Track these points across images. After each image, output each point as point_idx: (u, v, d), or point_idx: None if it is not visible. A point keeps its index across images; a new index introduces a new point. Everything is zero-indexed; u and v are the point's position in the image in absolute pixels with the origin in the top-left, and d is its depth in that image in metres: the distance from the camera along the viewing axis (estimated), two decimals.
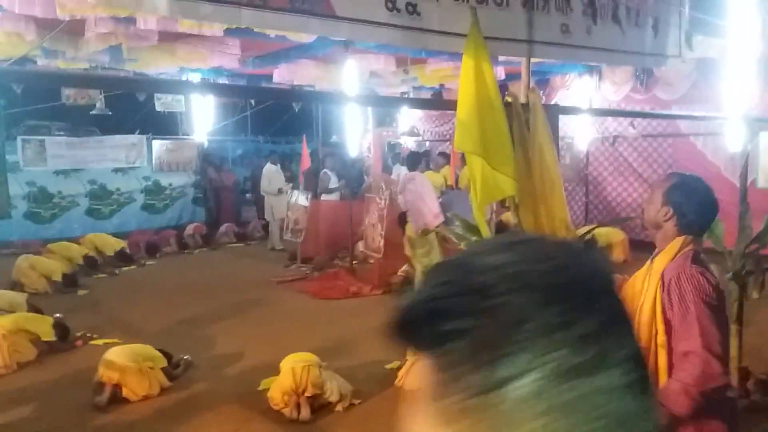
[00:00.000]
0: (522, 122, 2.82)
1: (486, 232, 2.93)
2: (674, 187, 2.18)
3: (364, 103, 9.12)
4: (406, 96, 12.11)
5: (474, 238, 3.11)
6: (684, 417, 1.98)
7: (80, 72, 8.43)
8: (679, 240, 2.14)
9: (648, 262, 2.26)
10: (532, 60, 3.43)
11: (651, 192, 2.31)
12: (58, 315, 6.12)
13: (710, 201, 2.20)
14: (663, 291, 2.09)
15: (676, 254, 2.13)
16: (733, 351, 4.43)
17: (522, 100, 3.24)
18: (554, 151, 3.07)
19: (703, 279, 2.03)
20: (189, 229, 11.68)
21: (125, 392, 4.64)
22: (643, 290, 2.19)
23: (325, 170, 10.63)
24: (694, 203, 2.15)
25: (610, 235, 9.35)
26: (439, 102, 5.94)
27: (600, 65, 10.01)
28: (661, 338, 2.10)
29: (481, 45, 2.61)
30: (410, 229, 7.10)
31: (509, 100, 2.99)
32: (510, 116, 2.80)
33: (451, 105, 2.82)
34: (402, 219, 7.32)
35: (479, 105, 2.57)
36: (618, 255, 9.27)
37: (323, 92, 7.03)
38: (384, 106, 12.58)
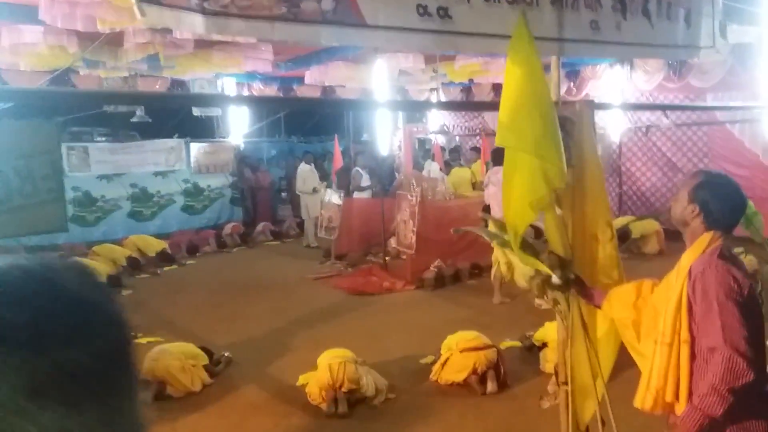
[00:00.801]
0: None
1: (519, 232, 2.93)
2: (700, 185, 2.19)
3: (394, 108, 9.18)
4: (435, 91, 12.15)
5: (506, 237, 3.11)
6: (720, 417, 1.97)
7: (122, 90, 8.75)
8: (708, 236, 2.15)
9: (679, 261, 2.26)
10: None
11: (677, 190, 2.33)
12: None
13: (737, 198, 2.21)
14: (689, 286, 2.09)
15: (704, 250, 2.13)
16: None
17: (553, 98, 3.27)
18: (598, 156, 3.09)
19: (728, 274, 2.02)
20: (227, 229, 11.98)
21: (169, 389, 4.83)
22: (672, 286, 2.20)
23: (357, 168, 10.77)
24: (720, 201, 2.16)
25: (644, 226, 9.25)
26: (469, 104, 5.95)
27: None
28: (685, 334, 2.11)
29: (528, 41, 2.62)
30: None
31: None
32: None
33: (482, 106, 2.84)
34: (486, 211, 7.49)
35: (526, 103, 2.56)
36: (653, 246, 9.19)
37: (355, 100, 7.10)
38: (414, 110, 12.60)
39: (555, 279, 2.79)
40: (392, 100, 8.47)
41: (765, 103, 7.37)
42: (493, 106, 2.76)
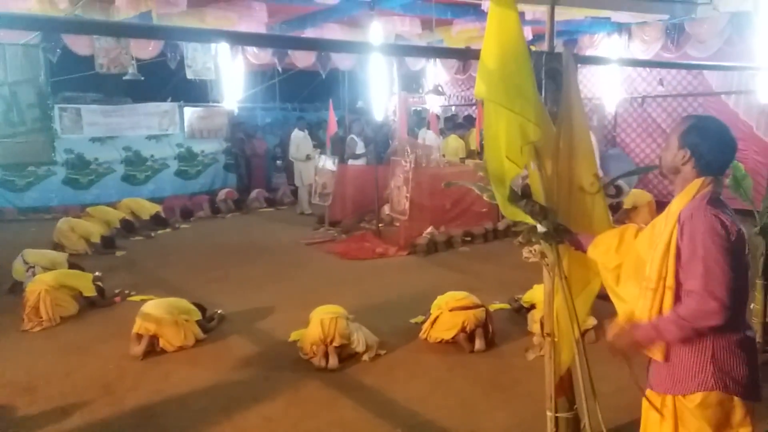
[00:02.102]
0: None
1: (506, 184, 2.92)
2: (689, 129, 2.15)
3: (388, 52, 8.96)
4: (432, 63, 12.04)
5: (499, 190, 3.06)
6: (671, 343, 2.09)
7: (114, 21, 8.47)
8: (698, 181, 2.12)
9: (668, 206, 2.22)
10: (560, 19, 3.41)
11: (667, 138, 2.27)
12: (97, 273, 6.40)
13: (727, 139, 2.16)
14: (678, 232, 2.06)
15: (694, 195, 2.10)
16: (758, 305, 4.45)
17: (546, 48, 3.24)
18: (584, 108, 3.07)
19: (716, 220, 2.00)
20: (221, 195, 11.99)
21: (162, 343, 4.86)
22: (661, 232, 2.17)
23: (351, 136, 10.72)
24: (710, 143, 2.11)
25: (636, 197, 9.28)
26: (465, 52, 5.81)
27: (629, 24, 9.80)
28: (671, 281, 2.09)
29: None
30: None
31: (533, 48, 2.99)
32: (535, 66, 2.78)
33: (478, 55, 2.78)
34: None
35: (503, 52, 2.54)
36: (645, 217, 9.20)
37: (349, 42, 6.92)
38: (410, 56, 12.32)
39: (540, 228, 2.81)
40: (386, 44, 8.27)
41: (760, 66, 7.34)
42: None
